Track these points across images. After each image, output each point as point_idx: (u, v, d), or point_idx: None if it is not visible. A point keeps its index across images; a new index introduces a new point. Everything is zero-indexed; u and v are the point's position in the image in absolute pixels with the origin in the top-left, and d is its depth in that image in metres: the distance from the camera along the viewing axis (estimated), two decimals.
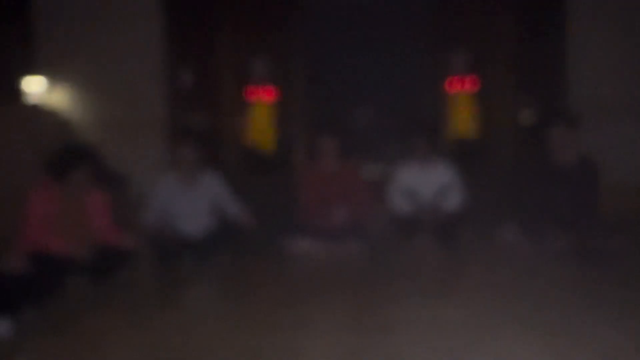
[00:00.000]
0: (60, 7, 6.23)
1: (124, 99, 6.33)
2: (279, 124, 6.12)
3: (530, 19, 6.18)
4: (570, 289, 3.44)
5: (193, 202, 4.60)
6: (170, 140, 6.30)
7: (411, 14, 6.63)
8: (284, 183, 5.58)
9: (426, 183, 4.82)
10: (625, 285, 3.45)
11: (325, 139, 4.83)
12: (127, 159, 5.99)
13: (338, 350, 2.64)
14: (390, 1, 6.87)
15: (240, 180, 5.56)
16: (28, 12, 6.14)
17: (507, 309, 3.10)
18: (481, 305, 3.18)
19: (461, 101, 5.87)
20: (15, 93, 6.26)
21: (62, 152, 3.69)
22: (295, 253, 4.64)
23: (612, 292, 3.32)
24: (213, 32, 6.56)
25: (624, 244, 4.21)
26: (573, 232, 4.32)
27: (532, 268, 3.96)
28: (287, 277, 4.12)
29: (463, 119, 5.84)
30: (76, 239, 3.65)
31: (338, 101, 7.28)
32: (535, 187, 4.43)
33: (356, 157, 5.33)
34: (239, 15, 6.60)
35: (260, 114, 6.03)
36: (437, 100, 5.96)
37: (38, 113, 5.97)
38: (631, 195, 5.56)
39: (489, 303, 3.21)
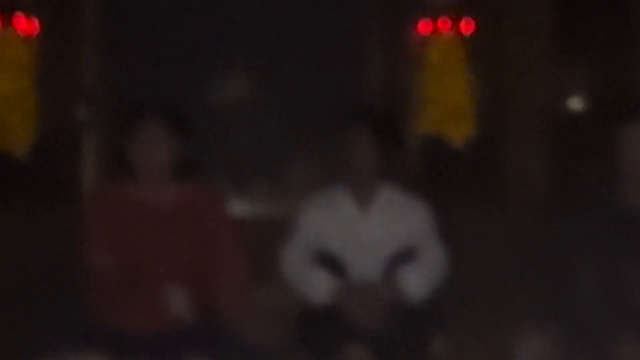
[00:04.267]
0: None
1: None
2: (41, 89, 5.82)
3: None
4: None
5: None
6: None
7: None
8: (52, 221, 5.40)
9: (366, 239, 4.46)
10: None
11: (148, 124, 4.15)
12: None
13: None
14: None
15: None
16: None
17: None
18: None
19: (444, 56, 5.61)
20: None
21: None
22: None
23: None
24: None
25: None
26: None
27: None
28: None
29: (449, 94, 5.57)
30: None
31: (168, 55, 7.16)
32: (593, 253, 3.91)
33: (213, 178, 4.87)
34: None
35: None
36: (393, 55, 5.82)
37: None
38: None
39: None
